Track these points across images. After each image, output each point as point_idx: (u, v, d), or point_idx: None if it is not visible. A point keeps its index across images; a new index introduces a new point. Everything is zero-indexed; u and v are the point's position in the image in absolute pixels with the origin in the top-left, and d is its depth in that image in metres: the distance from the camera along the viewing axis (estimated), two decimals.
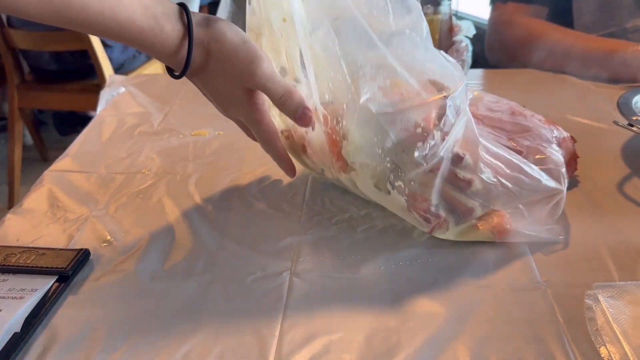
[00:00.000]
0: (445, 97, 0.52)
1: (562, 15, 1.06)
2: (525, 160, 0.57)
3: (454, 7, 0.90)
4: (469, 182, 0.53)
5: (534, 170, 0.56)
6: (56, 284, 0.52)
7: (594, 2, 1.04)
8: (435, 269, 0.54)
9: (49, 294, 0.51)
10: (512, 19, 1.07)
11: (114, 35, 0.50)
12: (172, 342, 0.46)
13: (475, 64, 0.97)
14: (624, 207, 0.62)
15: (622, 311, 0.46)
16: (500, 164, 0.55)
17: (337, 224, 0.61)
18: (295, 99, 0.56)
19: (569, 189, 0.64)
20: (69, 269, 0.53)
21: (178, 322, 0.48)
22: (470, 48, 0.92)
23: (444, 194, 0.54)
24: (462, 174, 0.53)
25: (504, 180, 0.54)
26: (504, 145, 0.57)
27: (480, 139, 0.54)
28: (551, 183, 0.57)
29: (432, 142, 0.51)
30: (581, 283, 0.50)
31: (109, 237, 0.60)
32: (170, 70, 0.57)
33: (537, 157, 0.58)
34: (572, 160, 0.67)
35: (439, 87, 0.52)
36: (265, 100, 0.58)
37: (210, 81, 0.57)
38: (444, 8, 0.88)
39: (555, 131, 0.67)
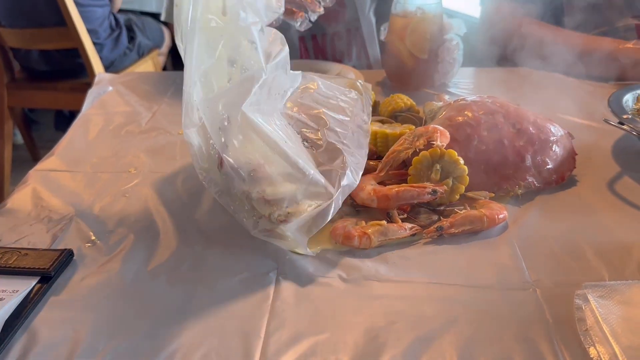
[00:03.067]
0: None
1: (553, 14, 1.06)
2: (304, 154, 0.56)
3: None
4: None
5: (309, 164, 0.55)
6: (38, 285, 0.51)
7: (585, 1, 1.03)
8: (423, 268, 0.53)
9: (31, 295, 0.50)
10: (503, 17, 1.07)
11: None
12: (155, 343, 0.46)
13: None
14: (615, 205, 0.61)
15: (612, 311, 0.45)
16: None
17: None
18: None
19: (561, 187, 0.64)
20: (51, 270, 0.52)
21: (162, 324, 0.48)
22: (461, 46, 0.91)
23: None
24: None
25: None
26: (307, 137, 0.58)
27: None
28: (318, 179, 0.54)
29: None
30: (571, 283, 0.50)
31: (93, 237, 0.59)
32: None
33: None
34: (570, 158, 0.66)
35: None
36: None
37: None
38: (434, 7, 0.87)
39: (552, 128, 0.66)
